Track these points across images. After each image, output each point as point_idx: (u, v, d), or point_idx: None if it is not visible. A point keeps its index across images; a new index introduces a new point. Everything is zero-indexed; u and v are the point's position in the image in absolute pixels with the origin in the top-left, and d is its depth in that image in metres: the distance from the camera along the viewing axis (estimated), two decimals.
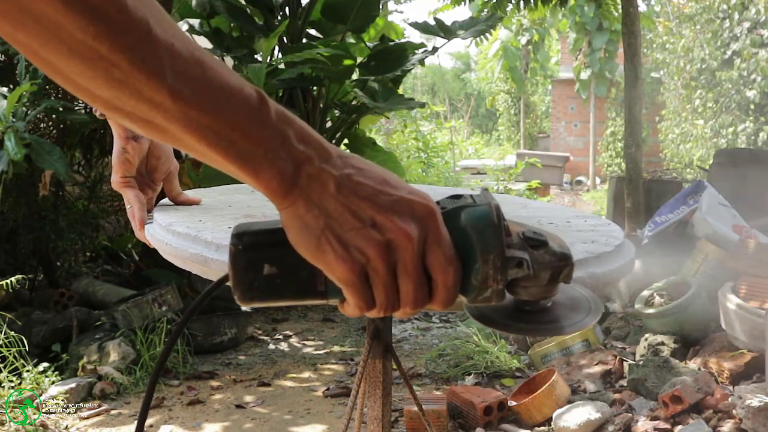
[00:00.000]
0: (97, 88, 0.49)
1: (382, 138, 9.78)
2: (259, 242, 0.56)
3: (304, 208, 0.53)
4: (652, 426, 2.43)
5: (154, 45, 0.48)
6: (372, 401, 1.10)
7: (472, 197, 0.58)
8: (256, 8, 4.66)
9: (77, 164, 4.29)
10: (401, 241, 0.53)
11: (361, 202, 0.54)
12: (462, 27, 4.75)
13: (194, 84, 0.50)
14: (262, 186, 0.53)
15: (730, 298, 2.88)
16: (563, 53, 15.97)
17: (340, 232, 0.53)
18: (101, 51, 0.47)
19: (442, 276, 0.55)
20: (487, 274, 0.55)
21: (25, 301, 3.99)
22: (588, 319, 0.63)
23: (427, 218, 0.54)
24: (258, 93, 0.52)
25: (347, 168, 0.54)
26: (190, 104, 0.50)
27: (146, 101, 0.49)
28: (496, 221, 0.55)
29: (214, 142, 0.51)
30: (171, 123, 0.50)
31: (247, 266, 0.56)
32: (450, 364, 3.36)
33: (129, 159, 1.02)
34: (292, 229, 0.54)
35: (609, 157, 13.65)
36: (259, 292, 0.56)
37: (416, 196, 0.55)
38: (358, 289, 0.55)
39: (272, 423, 2.82)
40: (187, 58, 0.50)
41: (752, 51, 8.12)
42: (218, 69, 0.51)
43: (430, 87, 28.27)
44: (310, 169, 0.53)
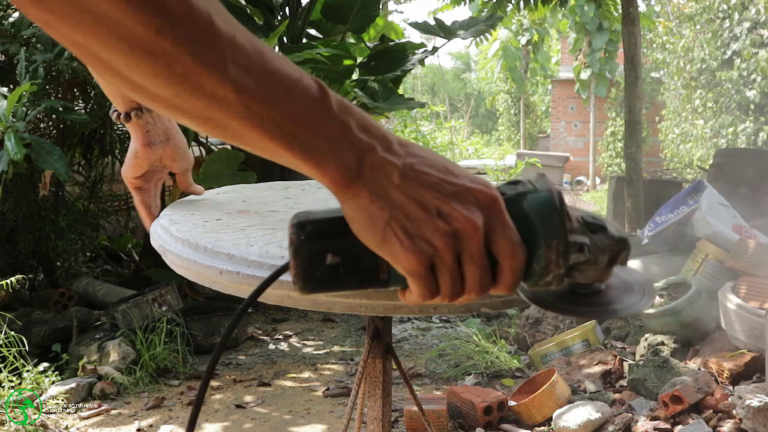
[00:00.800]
0: (158, 86, 0.48)
1: None
2: (322, 232, 0.55)
3: (368, 199, 0.53)
4: (652, 426, 2.43)
5: (217, 37, 0.48)
6: (372, 401, 1.10)
7: (532, 183, 0.58)
8: (256, 8, 4.66)
9: (77, 164, 4.29)
10: (468, 230, 0.53)
11: (426, 191, 0.53)
12: (462, 27, 4.76)
13: (256, 76, 0.49)
14: (326, 178, 0.52)
15: (730, 298, 2.88)
16: (563, 53, 15.97)
17: (406, 222, 0.53)
18: (163, 46, 0.46)
19: (509, 261, 0.55)
20: (550, 259, 0.55)
21: (25, 301, 3.99)
22: (643, 302, 0.63)
23: (492, 206, 0.54)
24: (318, 83, 0.52)
25: (409, 157, 0.54)
26: (253, 97, 0.49)
27: (208, 97, 0.49)
28: (558, 206, 0.56)
29: (277, 135, 0.51)
30: (232, 118, 0.50)
31: (311, 256, 0.55)
32: (450, 364, 3.36)
33: (140, 164, 1.02)
34: (357, 220, 0.54)
35: (609, 157, 13.64)
36: (322, 282, 0.56)
37: (479, 184, 0.55)
38: (424, 279, 0.54)
39: (272, 423, 2.82)
40: (249, 50, 0.49)
41: (752, 51, 8.12)
42: (278, 60, 0.51)
43: (430, 87, 28.26)
44: (374, 159, 0.53)
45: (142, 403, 2.99)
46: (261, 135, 0.51)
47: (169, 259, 0.88)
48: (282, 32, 4.26)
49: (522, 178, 0.59)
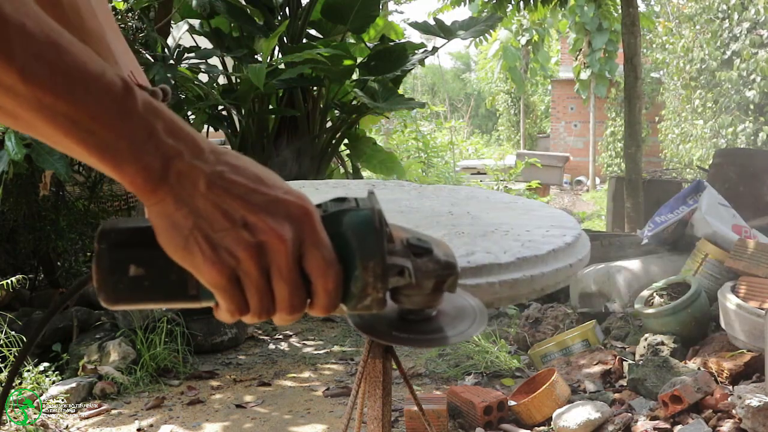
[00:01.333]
0: None
1: (382, 138, 9.78)
2: (126, 241, 0.53)
3: (173, 206, 0.50)
4: (651, 426, 2.43)
5: (3, 24, 0.44)
6: (372, 401, 1.10)
7: (357, 201, 0.56)
8: (256, 8, 4.66)
9: (77, 164, 4.29)
10: (274, 242, 0.51)
11: (233, 201, 0.50)
12: (462, 27, 4.76)
13: (48, 67, 0.46)
14: (126, 181, 0.50)
15: (730, 298, 2.88)
16: (563, 53, 15.97)
17: (210, 232, 0.50)
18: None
19: (321, 280, 0.52)
20: (366, 281, 0.53)
21: (25, 301, 3.99)
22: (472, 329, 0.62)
23: (303, 219, 0.52)
24: (123, 81, 0.49)
25: (220, 165, 0.51)
26: (44, 89, 0.46)
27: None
28: (378, 226, 0.53)
29: (71, 131, 0.48)
30: (24, 109, 0.47)
31: (112, 266, 0.52)
32: (450, 364, 3.36)
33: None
34: (160, 228, 0.51)
35: (609, 157, 13.65)
36: (125, 294, 0.53)
37: (292, 196, 0.52)
38: (228, 293, 0.52)
39: (272, 423, 2.82)
40: (41, 38, 0.46)
41: (752, 51, 8.13)
42: (78, 53, 0.47)
43: (430, 87, 28.26)
44: (180, 164, 0.50)
45: (143, 403, 2.99)
46: (55, 129, 0.48)
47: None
48: (282, 32, 4.26)
49: (348, 196, 0.57)
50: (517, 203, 1.41)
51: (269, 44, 4.17)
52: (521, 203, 1.40)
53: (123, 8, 3.90)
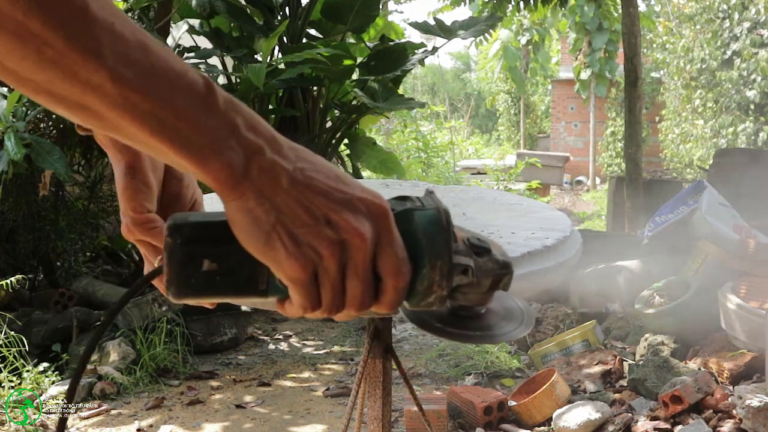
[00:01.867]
0: (27, 70, 0.45)
1: (382, 138, 9.78)
2: (200, 236, 0.53)
3: (254, 201, 0.50)
4: (652, 426, 2.43)
5: (92, 22, 0.44)
6: (372, 401, 1.10)
7: (420, 200, 0.57)
8: (256, 8, 4.66)
9: (77, 164, 4.29)
10: (355, 241, 0.51)
11: (315, 197, 0.51)
12: (462, 27, 4.76)
13: (136, 66, 0.46)
14: (209, 177, 0.49)
15: (730, 298, 2.88)
16: (563, 53, 15.97)
17: (293, 228, 0.50)
18: (32, 27, 0.43)
19: (393, 279, 0.53)
20: (433, 280, 0.54)
21: (25, 301, 3.99)
22: (519, 330, 0.63)
23: (382, 218, 0.52)
24: (204, 79, 0.49)
25: (299, 161, 0.51)
26: (132, 88, 0.46)
27: (82, 84, 0.45)
28: (446, 226, 0.54)
29: (157, 129, 0.48)
30: (110, 109, 0.47)
31: (186, 261, 0.52)
32: (450, 364, 3.36)
33: (144, 181, 0.69)
34: (240, 224, 0.51)
35: (609, 157, 13.64)
36: (196, 288, 0.53)
37: (370, 195, 0.53)
38: (306, 288, 0.52)
39: (272, 423, 2.82)
40: (129, 38, 0.46)
41: (752, 51, 8.12)
42: (162, 53, 0.48)
43: (430, 87, 28.26)
44: (262, 160, 0.50)
45: (142, 403, 2.99)
46: (140, 128, 0.47)
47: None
48: (282, 32, 4.26)
49: (410, 195, 0.58)
50: (522, 205, 1.40)
51: (269, 44, 4.17)
52: (525, 205, 1.40)
53: (122, 8, 3.90)
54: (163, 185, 0.72)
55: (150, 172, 0.70)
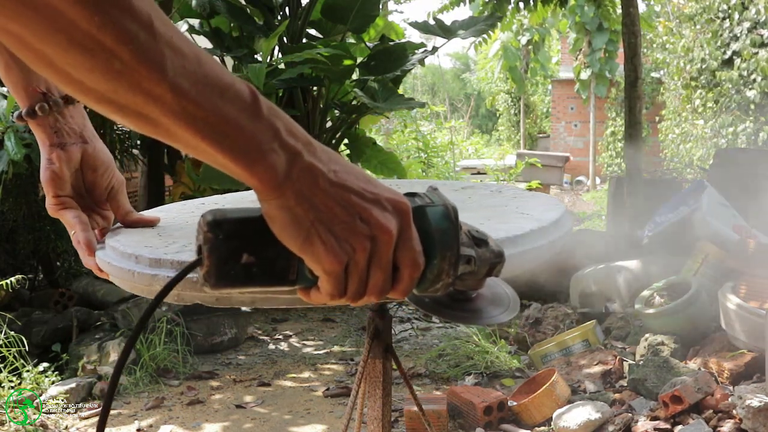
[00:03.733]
0: (93, 81, 0.48)
1: (382, 138, 9.77)
2: (239, 231, 0.56)
3: (294, 200, 0.54)
4: (652, 426, 2.43)
5: (157, 38, 0.48)
6: (372, 401, 1.10)
7: (428, 196, 0.62)
8: (256, 8, 4.66)
9: None
10: (384, 236, 0.56)
11: (350, 197, 0.55)
12: (462, 27, 4.76)
13: (192, 78, 0.50)
14: (254, 179, 0.53)
15: (730, 298, 2.88)
16: (563, 53, 15.96)
17: (330, 225, 0.55)
18: (104, 42, 0.46)
19: (409, 270, 0.58)
20: (442, 269, 0.60)
21: (25, 301, 3.99)
22: (505, 315, 0.70)
23: (404, 215, 0.57)
24: (249, 88, 0.53)
25: (332, 164, 0.56)
26: (188, 98, 0.50)
27: (144, 94, 0.49)
28: (454, 221, 0.60)
29: (208, 135, 0.51)
30: (167, 117, 0.50)
31: (227, 255, 0.56)
32: (450, 364, 3.36)
33: (57, 172, 0.87)
34: (279, 221, 0.55)
35: (609, 157, 13.64)
36: (234, 280, 0.57)
37: (395, 195, 0.58)
38: (339, 280, 0.57)
39: (272, 423, 2.82)
40: (186, 52, 0.50)
41: (752, 51, 8.12)
42: (213, 65, 0.52)
43: (430, 87, 28.27)
44: (302, 163, 0.54)
45: (142, 403, 2.98)
46: (194, 134, 0.51)
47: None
48: (282, 32, 4.26)
49: (419, 191, 0.63)
50: (507, 206, 1.39)
51: (269, 44, 4.17)
52: (513, 206, 1.38)
53: None
54: (82, 174, 0.89)
55: (64, 165, 0.87)
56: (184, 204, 1.23)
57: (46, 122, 0.87)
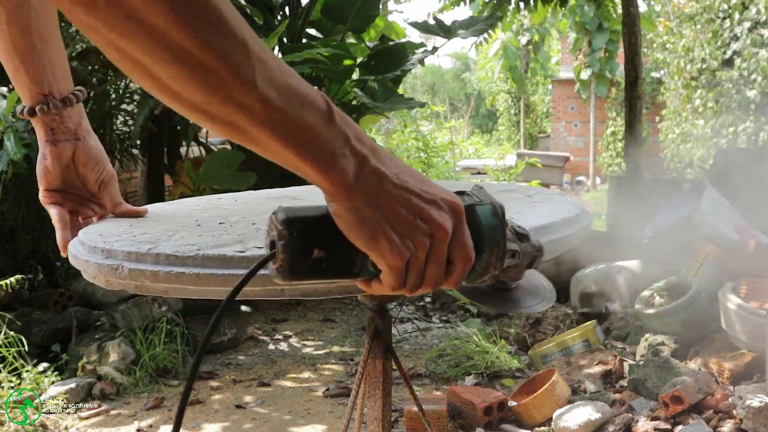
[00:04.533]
0: (190, 93, 0.53)
1: (382, 138, 9.77)
2: (311, 229, 0.61)
3: (362, 202, 0.58)
4: (652, 426, 2.43)
5: (250, 55, 0.53)
6: (372, 401, 1.10)
7: (476, 194, 0.67)
8: (256, 8, 4.66)
9: None
10: (441, 234, 0.61)
11: (411, 198, 0.60)
12: (462, 26, 4.76)
13: (278, 90, 0.54)
14: (328, 182, 0.57)
15: (731, 298, 2.88)
16: (563, 53, 15.96)
17: (394, 224, 0.59)
18: (205, 59, 0.51)
19: (461, 264, 0.63)
20: (490, 262, 0.65)
21: (25, 301, 3.99)
22: (542, 305, 0.76)
23: (459, 214, 0.62)
24: (324, 98, 0.57)
25: (394, 167, 0.60)
26: (275, 108, 0.54)
27: (235, 105, 0.53)
28: (501, 218, 0.65)
29: (290, 142, 0.56)
30: (254, 125, 0.55)
31: (301, 251, 0.60)
32: (450, 365, 3.36)
33: (48, 167, 0.96)
34: (348, 220, 0.59)
35: (609, 157, 13.64)
36: (305, 273, 0.61)
37: (449, 196, 0.63)
38: (401, 274, 0.61)
39: (272, 423, 2.82)
40: (272, 65, 0.55)
41: (753, 51, 8.11)
42: (294, 77, 0.56)
43: (430, 87, 28.26)
44: (369, 167, 0.58)
45: (142, 403, 2.98)
46: (277, 141, 0.56)
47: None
48: (282, 32, 4.26)
49: (466, 190, 0.68)
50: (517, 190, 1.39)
51: (269, 44, 4.16)
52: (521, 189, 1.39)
53: None
54: (76, 169, 0.98)
55: (54, 161, 0.95)
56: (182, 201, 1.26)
57: (44, 120, 0.95)
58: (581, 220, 1.01)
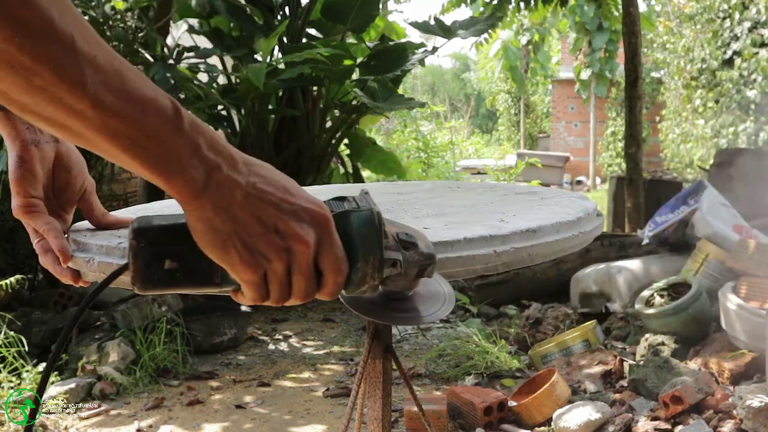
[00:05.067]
0: (15, 93, 0.50)
1: (382, 138, 9.77)
2: (161, 239, 0.60)
3: (212, 212, 0.56)
4: (652, 426, 2.42)
5: (78, 57, 0.50)
6: (372, 401, 1.10)
7: (356, 200, 0.65)
8: (256, 8, 4.65)
9: None
10: (299, 246, 0.59)
11: (266, 208, 0.58)
12: (462, 27, 4.76)
13: (113, 94, 0.52)
14: (173, 191, 0.56)
15: (731, 298, 2.88)
16: (563, 53, 15.96)
17: (246, 237, 0.57)
18: (23, 61, 0.48)
19: (332, 274, 0.61)
20: (366, 272, 0.62)
21: (25, 301, 3.99)
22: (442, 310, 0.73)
23: (323, 224, 0.60)
24: (173, 103, 0.55)
25: (252, 176, 0.58)
26: (110, 113, 0.52)
27: (66, 108, 0.51)
28: (377, 226, 0.63)
29: (129, 147, 0.53)
30: (89, 130, 0.52)
31: (150, 261, 0.60)
32: (450, 365, 3.36)
33: (31, 171, 0.82)
34: (199, 231, 0.58)
35: (609, 157, 13.65)
36: (159, 283, 0.61)
37: (313, 204, 0.60)
38: (257, 286, 0.60)
39: (272, 423, 2.82)
40: (108, 69, 0.52)
41: (753, 51, 8.11)
42: (136, 80, 0.53)
43: (430, 87, 28.27)
44: (219, 176, 0.56)
45: (142, 403, 2.98)
46: (114, 146, 0.53)
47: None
48: (282, 32, 4.26)
49: (348, 196, 0.66)
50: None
51: (269, 44, 4.16)
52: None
53: (122, 8, 3.90)
54: (53, 175, 0.86)
55: (38, 164, 0.83)
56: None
57: (21, 119, 0.83)
58: (582, 224, 0.98)
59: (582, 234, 0.97)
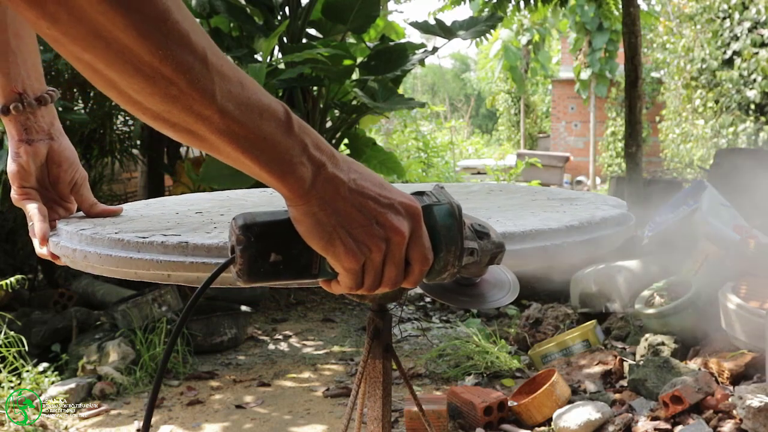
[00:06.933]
0: (151, 102, 0.56)
1: (382, 138, 9.77)
2: (268, 233, 0.63)
3: (318, 207, 0.61)
4: (652, 426, 2.43)
5: (209, 67, 0.55)
6: (372, 401, 1.10)
7: (435, 195, 0.69)
8: (256, 8, 4.66)
9: None
10: (397, 237, 0.63)
11: (367, 202, 0.62)
12: (462, 27, 4.76)
13: (236, 101, 0.57)
14: (285, 188, 0.60)
15: (731, 298, 2.88)
16: (563, 53, 15.96)
17: (350, 229, 0.62)
18: (164, 72, 0.53)
19: (419, 264, 0.66)
20: (448, 261, 0.67)
21: (25, 301, 3.99)
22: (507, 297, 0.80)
23: (416, 217, 0.65)
24: (284, 107, 0.60)
25: (352, 173, 0.63)
26: (233, 119, 0.57)
27: (195, 115, 0.56)
28: (458, 218, 0.67)
29: (248, 150, 0.58)
30: (214, 134, 0.57)
31: (258, 255, 0.63)
32: (450, 365, 3.36)
33: (23, 165, 0.96)
34: (305, 224, 0.62)
35: (609, 157, 13.64)
36: (263, 275, 0.64)
37: (407, 199, 0.65)
38: (356, 275, 0.64)
39: (272, 423, 2.82)
40: (232, 78, 0.57)
41: (753, 51, 8.11)
42: (253, 87, 0.59)
43: (430, 87, 28.27)
44: (325, 173, 0.61)
45: (142, 403, 2.98)
46: (235, 149, 0.58)
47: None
48: (282, 32, 4.26)
49: (426, 190, 0.70)
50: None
51: (269, 44, 4.16)
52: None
53: None
54: (48, 169, 0.99)
55: (30, 159, 0.96)
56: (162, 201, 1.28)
57: (17, 119, 0.96)
58: (591, 230, 0.96)
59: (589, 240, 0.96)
